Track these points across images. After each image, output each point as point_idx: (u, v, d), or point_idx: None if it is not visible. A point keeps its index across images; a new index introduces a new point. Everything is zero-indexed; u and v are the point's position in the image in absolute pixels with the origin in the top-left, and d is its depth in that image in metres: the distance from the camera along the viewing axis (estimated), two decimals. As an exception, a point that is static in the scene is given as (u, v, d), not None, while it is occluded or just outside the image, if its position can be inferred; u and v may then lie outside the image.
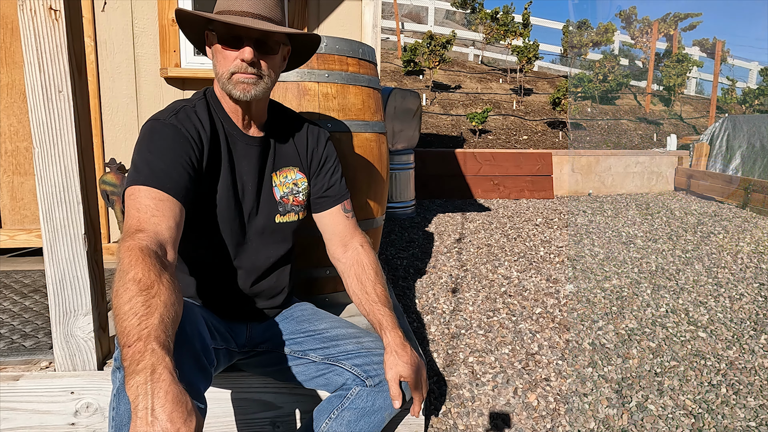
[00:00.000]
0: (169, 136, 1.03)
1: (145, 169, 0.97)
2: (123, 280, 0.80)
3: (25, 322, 1.65)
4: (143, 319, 0.75)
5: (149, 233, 0.89)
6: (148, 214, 0.92)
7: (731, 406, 1.71)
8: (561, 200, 5.55)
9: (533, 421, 1.63)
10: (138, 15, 2.75)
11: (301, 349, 1.22)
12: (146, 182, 0.95)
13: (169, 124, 1.04)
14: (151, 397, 0.68)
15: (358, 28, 2.79)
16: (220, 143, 1.13)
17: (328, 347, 1.19)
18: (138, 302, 0.76)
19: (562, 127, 7.62)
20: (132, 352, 0.72)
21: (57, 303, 1.28)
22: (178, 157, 1.01)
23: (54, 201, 1.24)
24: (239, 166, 1.16)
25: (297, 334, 1.24)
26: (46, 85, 1.21)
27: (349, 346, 1.18)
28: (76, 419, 1.32)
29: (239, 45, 1.05)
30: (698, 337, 2.21)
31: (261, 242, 1.21)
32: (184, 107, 1.10)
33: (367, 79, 1.73)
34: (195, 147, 1.05)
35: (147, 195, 0.94)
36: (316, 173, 1.27)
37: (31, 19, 1.18)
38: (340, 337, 1.21)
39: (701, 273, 3.04)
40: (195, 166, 1.04)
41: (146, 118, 2.84)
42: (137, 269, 0.80)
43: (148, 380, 0.69)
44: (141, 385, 0.69)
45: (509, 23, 9.46)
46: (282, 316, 1.30)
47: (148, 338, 0.73)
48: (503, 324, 2.31)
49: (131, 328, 0.74)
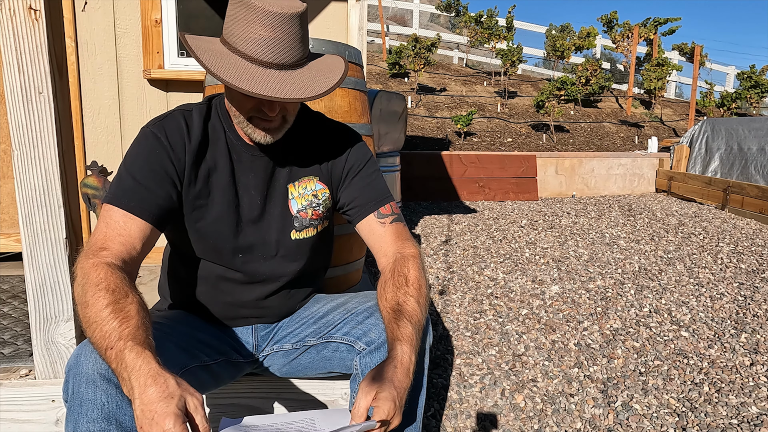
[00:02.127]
0: (146, 148, 0.99)
1: (117, 187, 0.97)
2: (94, 290, 0.81)
3: (3, 329, 1.61)
4: (123, 321, 0.77)
5: (113, 251, 0.90)
6: (115, 232, 0.93)
7: (714, 404, 1.74)
8: (545, 202, 5.61)
9: (521, 422, 1.64)
10: (120, 15, 2.71)
11: (300, 338, 1.15)
12: (114, 201, 0.95)
13: (150, 132, 1.00)
14: (146, 367, 0.72)
15: (344, 31, 2.79)
16: (218, 154, 1.05)
17: (319, 326, 1.13)
18: (116, 308, 0.79)
19: (545, 130, 7.70)
20: (115, 352, 0.74)
21: (37, 309, 1.25)
22: (152, 172, 0.97)
23: (34, 205, 1.22)
24: (245, 178, 1.06)
25: (294, 324, 1.19)
26: (26, 86, 1.18)
27: (336, 316, 1.11)
28: (58, 428, 1.29)
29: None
30: (681, 337, 2.25)
31: (274, 259, 1.11)
32: (174, 112, 1.04)
33: (353, 81, 1.72)
34: (174, 157, 0.99)
35: (116, 213, 0.94)
36: (341, 183, 1.14)
37: (10, 18, 1.15)
38: (329, 311, 1.14)
39: (683, 273, 3.09)
40: (173, 179, 0.99)
41: (128, 120, 2.81)
42: (109, 281, 0.83)
43: (137, 358, 0.73)
44: (130, 365, 0.72)
45: (493, 27, 9.55)
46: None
47: (128, 338, 0.75)
48: (490, 325, 2.32)
49: (111, 331, 0.76)
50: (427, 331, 1.02)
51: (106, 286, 0.81)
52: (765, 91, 8.75)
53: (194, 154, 1.02)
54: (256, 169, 1.08)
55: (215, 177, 1.05)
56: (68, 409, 0.81)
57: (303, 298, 1.22)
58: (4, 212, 2.56)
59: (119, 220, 0.93)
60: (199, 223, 1.05)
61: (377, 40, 10.87)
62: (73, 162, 1.29)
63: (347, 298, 1.17)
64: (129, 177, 0.97)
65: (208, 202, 1.05)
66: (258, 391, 1.32)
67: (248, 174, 1.07)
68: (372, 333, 1.03)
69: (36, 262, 1.23)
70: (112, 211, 0.94)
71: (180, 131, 1.01)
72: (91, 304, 0.79)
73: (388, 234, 1.09)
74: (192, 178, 1.03)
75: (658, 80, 8.61)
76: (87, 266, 0.85)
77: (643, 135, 8.03)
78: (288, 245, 1.12)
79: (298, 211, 1.12)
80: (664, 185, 6.15)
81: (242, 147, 1.07)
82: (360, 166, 1.14)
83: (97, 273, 0.84)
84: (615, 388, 1.83)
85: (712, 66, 11.53)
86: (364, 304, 1.10)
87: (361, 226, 1.12)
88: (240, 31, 0.91)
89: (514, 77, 9.94)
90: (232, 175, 1.06)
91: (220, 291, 1.12)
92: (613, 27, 10.56)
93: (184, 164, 1.01)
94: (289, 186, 1.11)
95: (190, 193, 1.03)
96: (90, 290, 0.81)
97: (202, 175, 1.04)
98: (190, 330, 1.08)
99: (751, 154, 5.53)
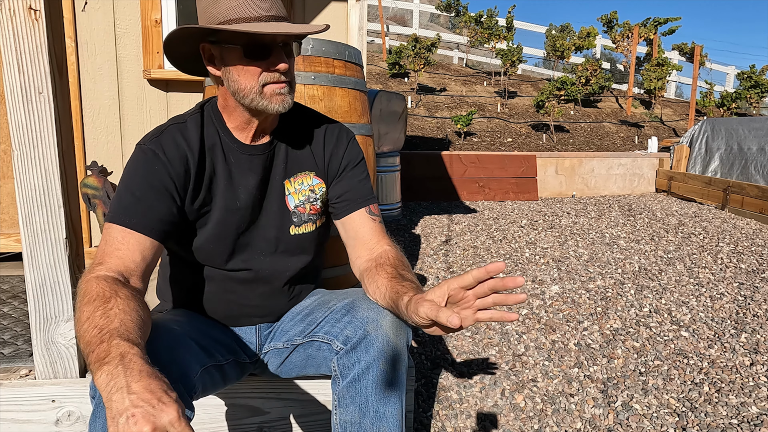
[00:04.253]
0: (143, 165, 0.99)
1: (117, 204, 0.97)
2: (80, 304, 0.81)
3: (3, 329, 1.61)
4: (104, 326, 0.74)
5: (109, 265, 0.90)
6: (112, 248, 0.93)
7: (714, 404, 1.74)
8: (545, 202, 5.61)
9: (521, 422, 1.64)
10: (120, 16, 2.71)
11: (288, 337, 1.14)
12: (114, 219, 0.95)
13: (148, 149, 1.00)
14: (124, 377, 0.63)
15: (344, 31, 2.79)
16: (216, 160, 1.05)
17: (306, 325, 1.11)
18: (97, 315, 0.77)
19: (545, 130, 7.70)
20: (96, 355, 0.69)
21: (37, 309, 1.25)
22: (151, 188, 0.97)
23: (34, 205, 1.22)
24: (244, 179, 1.07)
25: (287, 322, 1.18)
26: (26, 87, 1.18)
27: (319, 314, 1.09)
28: (58, 428, 1.29)
29: (266, 54, 0.96)
30: (681, 337, 2.25)
31: (274, 256, 1.12)
32: (169, 127, 1.04)
33: (353, 81, 1.72)
34: (173, 172, 0.99)
35: (116, 230, 0.94)
36: (336, 177, 1.15)
37: (10, 19, 1.15)
38: (315, 308, 1.12)
39: (683, 273, 3.09)
40: (173, 194, 0.99)
41: (128, 120, 2.81)
42: (92, 292, 0.82)
43: (119, 364, 0.65)
44: (111, 371, 0.64)
45: (493, 27, 9.55)
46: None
47: (111, 338, 0.71)
48: (490, 325, 2.32)
49: (93, 338, 0.73)
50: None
51: (89, 299, 0.81)
52: (765, 91, 8.75)
53: (196, 166, 1.03)
54: (254, 168, 1.08)
55: (215, 182, 1.06)
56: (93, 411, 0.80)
57: (305, 297, 1.22)
58: (4, 212, 2.56)
59: (117, 236, 0.93)
60: (203, 228, 1.06)
61: (377, 40, 10.87)
62: (73, 162, 1.29)
63: (332, 295, 1.16)
64: (128, 194, 0.96)
65: (211, 208, 1.06)
66: (258, 391, 1.32)
67: (246, 174, 1.08)
68: (347, 330, 1.00)
69: (36, 262, 1.23)
70: (112, 229, 0.94)
71: (178, 146, 1.01)
72: (79, 318, 0.79)
73: (378, 231, 1.12)
74: (195, 189, 1.03)
75: (658, 80, 8.62)
76: (81, 284, 0.86)
77: (643, 135, 8.03)
78: (287, 241, 1.12)
79: (296, 207, 1.12)
80: (664, 185, 6.15)
81: (238, 148, 1.07)
82: (355, 162, 1.16)
83: (86, 287, 0.84)
84: (615, 388, 1.83)
85: (712, 66, 11.53)
86: (343, 301, 1.08)
87: (350, 219, 1.13)
88: (225, 5, 0.94)
89: (514, 77, 9.94)
90: (230, 177, 1.07)
91: (223, 291, 1.12)
92: (613, 27, 10.56)
93: (185, 178, 1.01)
94: (285, 182, 1.12)
95: (194, 204, 1.04)
96: (78, 305, 0.82)
97: (205, 184, 1.04)
98: (205, 327, 1.07)
99: (751, 154, 5.53)
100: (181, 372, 0.87)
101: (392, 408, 0.96)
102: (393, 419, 0.96)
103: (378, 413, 0.94)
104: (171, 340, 0.90)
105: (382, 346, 0.96)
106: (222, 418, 1.33)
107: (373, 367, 0.95)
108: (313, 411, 1.34)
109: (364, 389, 0.95)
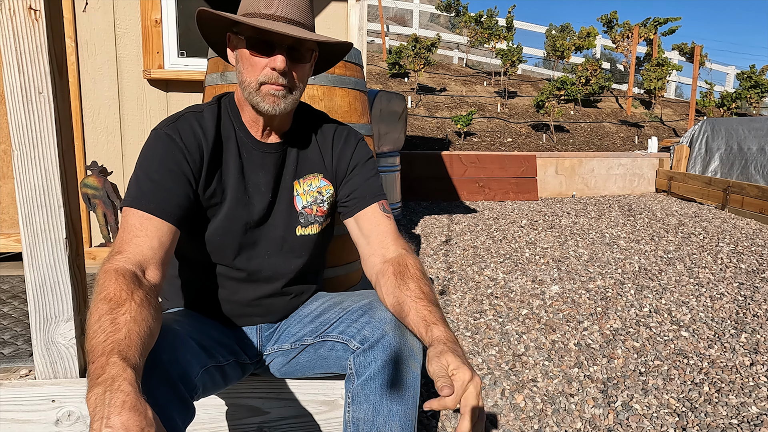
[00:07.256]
0: (161, 149, 0.99)
1: (135, 189, 0.96)
2: (95, 300, 0.80)
3: (3, 329, 1.61)
4: (110, 335, 0.74)
5: (127, 254, 0.89)
6: (131, 234, 0.92)
7: (714, 404, 1.74)
8: (545, 202, 5.61)
9: (521, 422, 1.64)
10: (120, 16, 2.71)
11: (297, 338, 1.14)
12: (133, 203, 0.94)
13: (164, 134, 1.00)
14: (107, 407, 0.63)
15: (344, 30, 2.79)
16: (228, 153, 1.06)
17: (317, 325, 1.12)
18: (106, 320, 0.76)
19: (545, 130, 7.71)
20: (94, 367, 0.70)
21: (37, 309, 1.25)
22: (169, 172, 0.97)
23: (34, 205, 1.22)
24: (255, 176, 1.08)
25: (294, 323, 1.18)
26: (26, 87, 1.18)
27: (332, 314, 1.10)
28: (58, 428, 1.29)
29: (270, 52, 0.97)
30: (681, 337, 2.25)
31: (278, 255, 1.12)
32: (186, 114, 1.04)
33: (353, 81, 1.72)
34: (189, 158, 1.00)
35: (134, 215, 0.94)
36: (345, 178, 1.15)
37: (10, 19, 1.15)
38: (326, 309, 1.13)
39: (683, 273, 3.09)
40: (189, 179, 1.00)
41: (128, 120, 2.81)
42: (109, 289, 0.81)
43: (107, 390, 0.65)
44: (99, 396, 0.65)
45: (493, 27, 9.55)
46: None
47: (111, 353, 0.71)
48: (490, 326, 2.32)
49: (97, 345, 0.73)
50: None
51: (104, 296, 0.80)
52: (765, 91, 8.75)
53: (210, 154, 1.03)
54: (266, 166, 1.09)
55: (227, 175, 1.06)
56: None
57: (306, 297, 1.22)
58: (4, 212, 2.56)
59: (135, 222, 0.93)
60: (211, 221, 1.06)
61: (377, 40, 10.87)
62: (73, 162, 1.29)
63: (344, 296, 1.17)
64: (146, 178, 0.96)
65: (221, 200, 1.06)
66: (258, 391, 1.32)
67: (258, 171, 1.08)
68: (365, 331, 1.01)
69: (36, 262, 1.23)
70: (130, 215, 0.94)
71: (194, 133, 1.02)
72: (91, 314, 0.79)
73: (392, 228, 1.10)
74: (207, 179, 1.04)
75: (658, 80, 8.62)
76: (100, 273, 0.85)
77: (643, 135, 8.03)
78: (292, 241, 1.13)
79: (303, 208, 1.13)
80: (664, 185, 6.15)
81: (252, 144, 1.08)
82: (364, 161, 1.16)
83: (103, 280, 0.83)
84: (615, 388, 1.83)
85: (712, 66, 11.53)
86: (360, 302, 1.09)
87: (363, 215, 1.11)
88: (250, 2, 0.99)
89: (514, 77, 9.94)
90: (242, 172, 1.07)
91: (224, 290, 1.12)
92: (613, 27, 10.56)
93: (200, 165, 1.02)
94: (294, 183, 1.13)
95: (205, 194, 1.04)
96: (93, 299, 0.81)
97: (217, 175, 1.05)
98: (206, 328, 1.08)
99: (751, 154, 5.53)
100: (182, 372, 0.87)
101: (406, 407, 0.97)
102: (406, 418, 0.96)
103: (392, 412, 0.95)
104: (172, 340, 0.90)
105: (399, 347, 0.97)
106: (222, 418, 1.33)
107: (388, 366, 0.96)
108: (313, 411, 1.34)
109: (380, 388, 0.96)
